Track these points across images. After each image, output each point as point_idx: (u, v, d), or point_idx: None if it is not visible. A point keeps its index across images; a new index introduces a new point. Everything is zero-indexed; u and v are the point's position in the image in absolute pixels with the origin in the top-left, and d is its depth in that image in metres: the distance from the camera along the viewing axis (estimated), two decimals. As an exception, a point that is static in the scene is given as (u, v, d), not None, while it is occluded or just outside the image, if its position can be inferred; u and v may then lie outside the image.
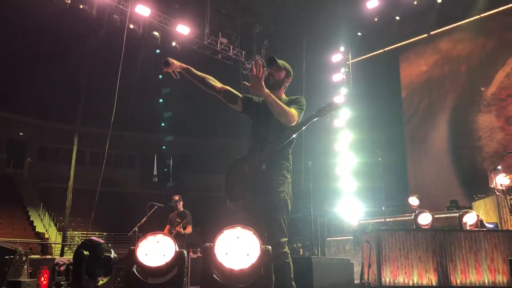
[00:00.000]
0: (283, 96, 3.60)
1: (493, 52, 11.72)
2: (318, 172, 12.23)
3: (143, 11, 11.38)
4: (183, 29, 12.03)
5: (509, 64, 11.38)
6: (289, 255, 3.15)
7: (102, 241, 2.92)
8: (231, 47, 12.72)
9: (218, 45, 12.62)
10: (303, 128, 3.24)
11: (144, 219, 7.47)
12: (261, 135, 3.40)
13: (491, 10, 11.35)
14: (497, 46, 11.67)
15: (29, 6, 11.08)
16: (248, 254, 2.37)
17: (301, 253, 9.84)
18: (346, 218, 11.16)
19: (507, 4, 11.11)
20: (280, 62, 3.55)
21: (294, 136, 3.27)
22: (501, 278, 6.48)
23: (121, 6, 11.12)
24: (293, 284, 3.15)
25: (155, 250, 2.85)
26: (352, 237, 9.45)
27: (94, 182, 11.70)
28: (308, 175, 7.82)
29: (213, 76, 3.61)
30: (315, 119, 3.17)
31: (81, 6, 10.59)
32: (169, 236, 2.95)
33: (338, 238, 9.91)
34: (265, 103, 3.40)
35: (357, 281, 7.25)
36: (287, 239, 3.16)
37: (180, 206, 8.13)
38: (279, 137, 3.25)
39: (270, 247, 2.49)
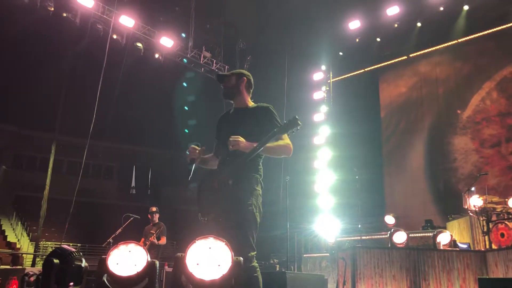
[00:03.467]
0: (250, 102, 3.59)
1: (469, 76, 12.05)
2: (297, 189, 12.31)
3: (127, 22, 11.38)
4: (166, 42, 12.05)
5: (484, 89, 11.70)
6: (258, 269, 3.12)
7: (73, 250, 2.87)
8: (214, 61, 12.78)
9: (202, 59, 12.67)
10: (267, 143, 3.18)
11: (119, 230, 7.36)
12: (226, 153, 3.36)
13: (467, 35, 11.69)
14: (473, 71, 12.01)
15: (9, 10, 10.96)
16: (219, 265, 2.37)
17: (277, 269, 9.81)
18: (323, 235, 11.19)
19: (483, 31, 11.46)
20: (225, 73, 3.61)
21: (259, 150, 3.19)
22: (472, 298, 6.57)
23: (105, 16, 11.10)
24: None
25: (127, 259, 2.81)
26: (328, 254, 9.47)
27: (71, 192, 11.51)
28: (286, 191, 7.85)
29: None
30: (275, 136, 3.15)
31: (65, 14, 10.53)
32: (141, 246, 2.92)
33: (315, 255, 9.92)
34: (233, 115, 3.46)
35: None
36: (255, 252, 3.12)
37: (156, 218, 8.08)
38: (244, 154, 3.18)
39: (242, 258, 2.49)
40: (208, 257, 2.43)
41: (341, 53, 13.45)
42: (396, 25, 11.99)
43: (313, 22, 12.27)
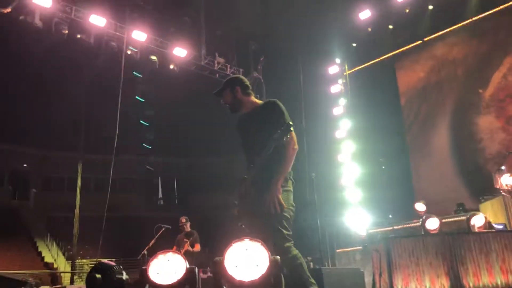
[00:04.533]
0: (255, 101, 3.66)
1: (488, 53, 11.80)
2: (323, 184, 12.26)
3: (140, 36, 11.54)
4: (180, 52, 12.18)
5: (505, 65, 11.45)
6: (299, 256, 3.23)
7: (113, 264, 2.95)
8: (228, 66, 12.85)
9: (216, 65, 12.76)
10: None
11: (153, 241, 7.48)
12: (248, 155, 3.51)
13: (482, 12, 11.46)
14: (491, 48, 11.76)
15: (28, 37, 11.25)
16: (257, 265, 2.40)
17: (311, 266, 9.79)
18: (354, 228, 11.12)
19: (498, 6, 11.22)
20: (218, 90, 3.64)
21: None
22: (514, 278, 6.44)
23: (117, 33, 11.29)
24: (312, 281, 3.21)
25: (166, 268, 2.87)
26: (361, 248, 9.40)
27: (100, 208, 11.75)
28: (313, 187, 7.83)
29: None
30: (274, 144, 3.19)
31: (79, 36, 10.74)
32: (179, 254, 2.98)
33: (348, 249, 9.86)
34: (244, 118, 3.55)
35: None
36: (291, 242, 3.23)
37: (188, 227, 8.18)
38: (264, 148, 3.23)
39: (278, 257, 2.53)
40: (246, 258, 2.47)
41: (354, 44, 13.35)
42: (407, 10, 11.84)
43: (323, 16, 12.22)
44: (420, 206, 10.01)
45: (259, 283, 2.41)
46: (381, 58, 13.51)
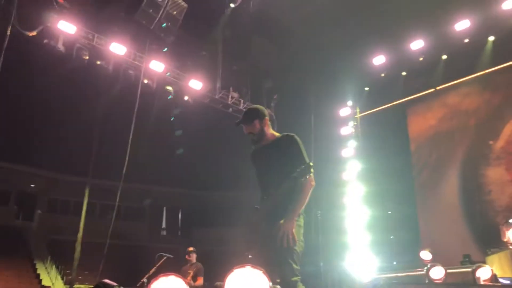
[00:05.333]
0: (273, 133, 3.71)
1: (500, 106, 11.86)
2: (328, 225, 12.15)
3: (157, 66, 11.82)
4: (195, 84, 12.42)
5: (516, 118, 11.50)
6: None
7: (115, 284, 2.95)
8: (242, 101, 13.04)
9: (229, 99, 12.96)
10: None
11: (153, 269, 7.41)
12: (263, 187, 3.56)
13: (495, 66, 11.60)
14: (503, 101, 11.83)
15: (49, 61, 11.58)
16: (257, 293, 2.40)
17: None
18: (357, 273, 10.95)
19: (510, 61, 11.37)
20: (246, 120, 3.64)
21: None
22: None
23: (136, 62, 11.58)
24: None
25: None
26: (364, 293, 9.23)
27: (103, 234, 11.71)
28: (318, 227, 7.78)
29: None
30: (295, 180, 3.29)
31: (98, 62, 11.04)
32: (181, 278, 2.97)
33: (350, 294, 9.68)
34: (262, 150, 3.54)
35: None
36: (298, 278, 3.25)
37: (193, 258, 8.13)
38: (279, 188, 3.33)
39: (279, 287, 2.52)
40: (246, 285, 2.47)
41: (367, 88, 13.54)
42: (421, 59, 12.05)
43: (339, 59, 12.47)
44: (425, 254, 9.85)
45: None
46: (393, 103, 13.63)
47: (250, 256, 3.39)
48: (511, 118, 11.58)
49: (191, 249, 8.25)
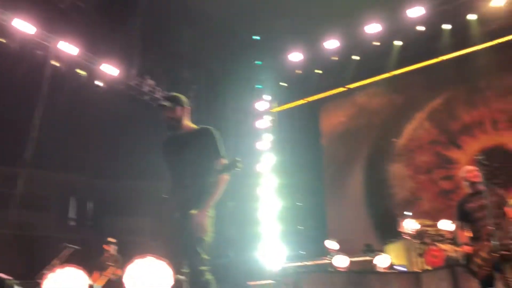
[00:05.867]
0: (190, 125, 3.74)
1: (403, 107, 12.80)
2: (241, 216, 12.35)
3: (68, 48, 11.16)
4: (109, 69, 11.90)
5: (417, 119, 12.47)
6: (212, 282, 3.31)
7: (8, 277, 2.77)
8: (159, 89, 12.73)
9: (145, 87, 12.59)
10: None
11: (56, 260, 7.03)
12: (176, 177, 3.55)
13: (400, 68, 12.47)
14: (406, 102, 12.78)
15: None
16: (160, 284, 2.38)
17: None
18: (267, 262, 11.25)
19: (414, 64, 12.29)
20: (169, 103, 3.66)
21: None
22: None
23: (45, 42, 10.83)
24: None
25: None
26: (273, 281, 9.50)
27: (2, 225, 10.90)
28: (229, 218, 7.89)
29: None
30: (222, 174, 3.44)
31: (1, 40, 10.18)
32: (81, 269, 2.87)
33: (259, 283, 9.91)
34: (177, 140, 3.53)
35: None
36: (207, 267, 3.32)
37: (112, 249, 7.84)
38: (194, 181, 3.41)
39: (183, 277, 2.53)
40: (148, 276, 2.44)
41: (283, 84, 13.89)
42: (334, 58, 12.57)
43: (255, 53, 12.64)
44: (331, 244, 10.37)
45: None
46: (307, 99, 14.13)
47: (158, 246, 3.39)
48: (412, 118, 12.56)
49: (111, 240, 7.95)
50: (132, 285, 2.38)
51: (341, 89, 13.68)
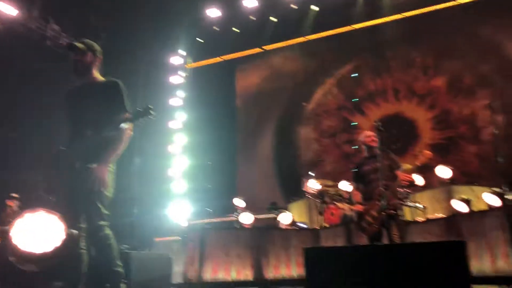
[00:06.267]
0: (98, 76, 3.61)
1: (315, 72, 13.19)
2: (150, 174, 12.14)
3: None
4: (7, 9, 10.80)
5: (327, 85, 12.96)
6: (111, 236, 3.28)
7: None
8: (64, 35, 11.83)
9: (49, 32, 11.62)
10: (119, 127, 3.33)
11: None
12: (77, 127, 3.42)
13: (314, 34, 12.74)
14: (317, 68, 13.19)
15: None
16: (51, 238, 2.30)
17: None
18: (176, 219, 11.29)
19: (327, 31, 12.62)
20: (82, 46, 3.51)
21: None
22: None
23: None
24: (118, 263, 3.28)
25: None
26: (180, 238, 9.59)
27: None
28: (136, 176, 7.74)
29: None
30: (127, 122, 3.33)
31: None
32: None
33: (166, 239, 9.96)
34: (82, 90, 3.41)
35: (180, 281, 7.41)
36: (106, 222, 3.28)
37: (16, 205, 7.36)
38: (96, 133, 3.29)
39: (76, 231, 2.47)
40: (39, 230, 2.34)
41: (200, 40, 13.58)
42: (252, 18, 12.50)
43: (172, 6, 12.15)
44: (239, 202, 10.62)
45: (51, 256, 2.31)
46: (224, 58, 13.98)
47: (55, 200, 3.25)
48: (322, 84, 13.01)
49: (14, 195, 7.43)
50: (21, 240, 2.26)
51: (257, 50, 13.69)
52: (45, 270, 2.28)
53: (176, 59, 13.49)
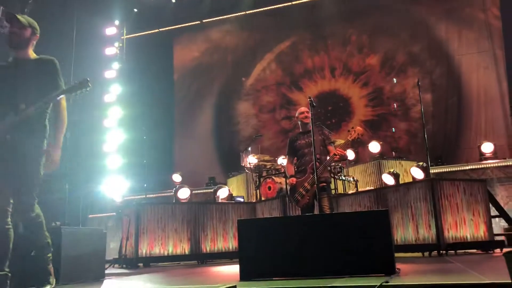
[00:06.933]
0: (33, 54, 3.54)
1: (255, 47, 13.20)
2: (83, 149, 11.69)
3: None
4: None
5: (266, 60, 13.02)
6: (40, 215, 3.35)
7: None
8: (-13, 1, 10.96)
9: (-32, -5, 10.72)
10: (54, 100, 3.37)
11: None
12: (7, 100, 3.33)
13: (254, 9, 12.69)
14: (257, 43, 13.19)
15: None
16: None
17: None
18: (110, 195, 11.03)
19: (267, 6, 12.61)
20: (23, 19, 3.44)
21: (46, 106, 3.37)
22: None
23: None
24: (48, 240, 3.40)
25: None
26: (115, 214, 9.42)
27: None
28: (67, 151, 7.39)
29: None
30: (63, 95, 3.38)
31: None
32: None
33: (100, 215, 9.75)
34: (14, 67, 3.38)
35: (116, 256, 7.32)
36: (36, 200, 3.31)
37: None
38: (29, 105, 3.24)
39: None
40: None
41: (135, 10, 13.10)
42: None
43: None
44: (176, 177, 10.60)
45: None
46: (161, 29, 13.61)
47: None
48: (262, 59, 13.05)
49: None
50: None
51: (195, 23, 13.44)
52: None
53: (111, 30, 12.94)
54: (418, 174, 7.54)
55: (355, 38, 12.25)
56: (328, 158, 5.17)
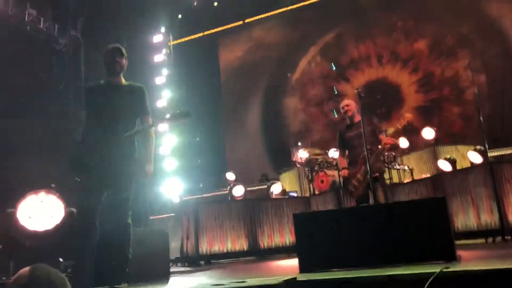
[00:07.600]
0: (123, 79, 3.84)
1: (298, 42, 13.20)
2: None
3: None
4: (-18, -5, 10.58)
5: (310, 53, 13.01)
6: (131, 227, 3.64)
7: None
8: (42, 19, 11.63)
9: (26, 17, 11.42)
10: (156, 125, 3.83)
11: None
12: (102, 124, 3.62)
13: (296, 4, 12.69)
14: (301, 37, 13.18)
15: None
16: (52, 217, 2.43)
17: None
18: (168, 196, 11.42)
19: (307, 1, 12.58)
20: (124, 51, 3.79)
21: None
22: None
23: None
24: (130, 250, 3.63)
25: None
26: (174, 214, 9.76)
27: None
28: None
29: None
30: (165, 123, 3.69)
31: None
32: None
33: (161, 216, 10.12)
34: (108, 89, 3.70)
35: (177, 255, 7.60)
36: (130, 211, 3.65)
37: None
38: (127, 129, 3.57)
39: (74, 209, 2.60)
40: (41, 210, 2.47)
41: (180, 16, 13.44)
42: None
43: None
44: (230, 176, 10.78)
45: (53, 232, 2.45)
46: (205, 33, 13.89)
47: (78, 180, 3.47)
48: (306, 53, 13.03)
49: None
50: (25, 220, 2.39)
51: (238, 23, 13.62)
52: (48, 246, 2.43)
53: (158, 37, 13.35)
54: (476, 158, 7.32)
55: (401, 23, 11.98)
56: (379, 148, 5.15)
